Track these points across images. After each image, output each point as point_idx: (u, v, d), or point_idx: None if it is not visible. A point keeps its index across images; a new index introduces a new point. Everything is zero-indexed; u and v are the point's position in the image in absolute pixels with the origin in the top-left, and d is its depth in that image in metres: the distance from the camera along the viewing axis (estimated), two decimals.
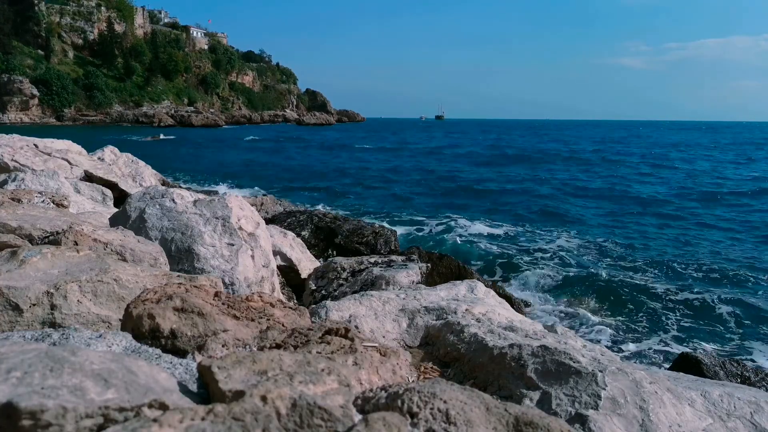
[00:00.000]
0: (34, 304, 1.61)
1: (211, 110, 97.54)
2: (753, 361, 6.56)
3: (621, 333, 7.44)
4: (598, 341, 6.76)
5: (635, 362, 5.54)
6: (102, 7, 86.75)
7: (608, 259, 11.29)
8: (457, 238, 12.94)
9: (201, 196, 3.57)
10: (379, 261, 4.44)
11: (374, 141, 55.72)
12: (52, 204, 3.25)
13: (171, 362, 1.24)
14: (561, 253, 11.72)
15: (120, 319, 1.61)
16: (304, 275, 4.78)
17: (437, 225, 14.47)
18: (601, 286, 9.41)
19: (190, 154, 35.48)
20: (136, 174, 7.56)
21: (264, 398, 0.91)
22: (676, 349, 6.84)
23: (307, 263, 5.01)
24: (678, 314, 8.19)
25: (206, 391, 1.06)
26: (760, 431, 1.88)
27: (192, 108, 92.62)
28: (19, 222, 2.46)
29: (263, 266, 3.25)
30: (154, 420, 0.81)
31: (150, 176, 7.77)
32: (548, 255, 11.50)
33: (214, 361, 1.06)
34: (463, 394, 1.03)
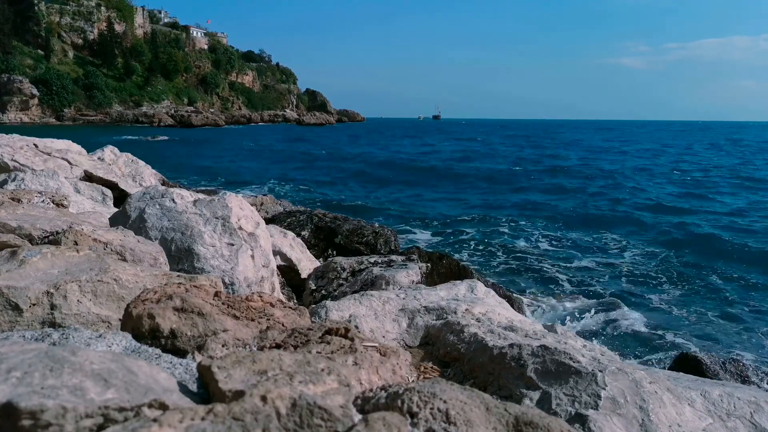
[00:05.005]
0: (34, 304, 1.61)
1: (211, 110, 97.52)
2: (753, 361, 6.56)
3: (621, 333, 7.44)
4: (598, 341, 6.76)
5: (635, 362, 5.55)
6: (102, 7, 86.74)
7: (608, 258, 11.29)
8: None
9: (201, 195, 3.57)
10: (379, 261, 4.44)
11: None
12: (52, 204, 3.24)
13: (171, 362, 1.24)
14: (561, 252, 11.72)
15: (120, 319, 1.61)
16: (304, 275, 4.78)
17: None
18: (602, 285, 9.42)
19: (190, 154, 35.48)
20: (136, 174, 7.55)
21: (264, 398, 0.91)
22: (676, 349, 6.84)
23: (307, 263, 5.01)
24: (679, 313, 8.20)
25: (206, 391, 1.06)
26: (760, 431, 1.88)
27: (192, 108, 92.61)
28: (19, 222, 2.46)
29: (263, 266, 3.25)
30: (154, 420, 0.81)
31: (150, 176, 7.77)
32: (548, 255, 11.51)
33: (214, 360, 1.06)
34: (463, 394, 1.03)
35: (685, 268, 10.68)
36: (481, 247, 12.18)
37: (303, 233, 6.59)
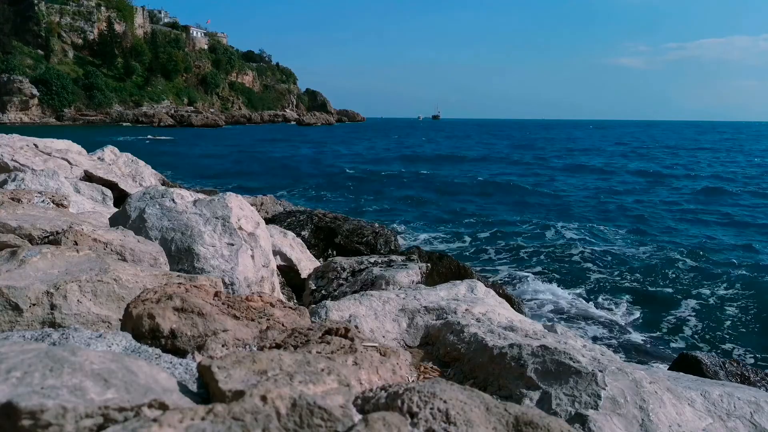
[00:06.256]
0: (33, 304, 1.61)
1: (211, 110, 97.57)
2: (753, 361, 6.56)
3: (621, 332, 7.44)
4: (599, 341, 6.76)
5: (635, 362, 5.55)
6: (102, 7, 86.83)
7: (607, 257, 11.28)
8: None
9: (201, 195, 3.57)
10: (379, 261, 4.43)
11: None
12: (51, 204, 3.24)
13: (171, 362, 1.24)
14: (560, 251, 11.72)
15: (120, 319, 1.61)
16: (304, 275, 4.78)
17: None
18: (602, 285, 9.42)
19: (190, 154, 35.49)
20: (136, 174, 7.55)
21: (264, 398, 0.91)
22: (676, 349, 6.84)
23: (307, 263, 5.01)
24: (679, 313, 8.19)
25: (206, 391, 1.06)
26: (760, 431, 1.88)
27: (192, 108, 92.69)
28: (19, 222, 2.46)
29: (263, 266, 3.25)
30: (154, 420, 0.81)
31: (150, 176, 7.76)
32: (548, 254, 11.51)
33: (214, 360, 1.06)
34: (463, 394, 1.03)
35: (684, 267, 10.68)
36: (481, 248, 12.18)
37: (303, 233, 6.59)
